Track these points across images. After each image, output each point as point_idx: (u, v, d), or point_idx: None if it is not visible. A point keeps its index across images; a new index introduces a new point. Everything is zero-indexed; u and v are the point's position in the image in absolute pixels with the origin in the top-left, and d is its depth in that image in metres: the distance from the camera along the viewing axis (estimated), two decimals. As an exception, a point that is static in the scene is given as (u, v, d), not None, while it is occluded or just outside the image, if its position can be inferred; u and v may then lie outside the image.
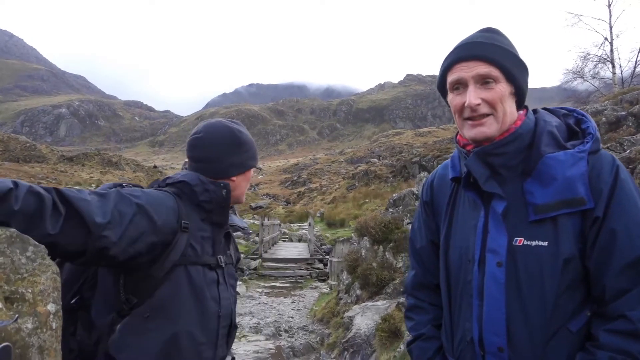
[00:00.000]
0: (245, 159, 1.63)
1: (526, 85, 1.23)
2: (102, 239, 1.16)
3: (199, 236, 1.45)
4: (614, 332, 1.05)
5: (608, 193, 1.10)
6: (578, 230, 1.11)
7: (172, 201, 1.40)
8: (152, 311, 1.33)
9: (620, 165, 1.14)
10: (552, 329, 1.11)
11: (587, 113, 1.26)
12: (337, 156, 74.77)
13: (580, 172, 1.11)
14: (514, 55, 1.20)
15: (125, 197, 1.27)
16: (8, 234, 0.93)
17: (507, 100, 1.18)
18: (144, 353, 1.31)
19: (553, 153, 1.15)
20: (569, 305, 1.12)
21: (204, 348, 1.41)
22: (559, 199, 1.11)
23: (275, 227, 22.97)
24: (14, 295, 0.90)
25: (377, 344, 5.65)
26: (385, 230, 7.75)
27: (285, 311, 10.42)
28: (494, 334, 1.15)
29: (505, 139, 1.18)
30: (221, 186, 1.51)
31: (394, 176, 32.27)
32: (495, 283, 1.16)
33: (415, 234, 1.49)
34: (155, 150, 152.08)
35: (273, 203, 44.12)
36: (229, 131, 1.59)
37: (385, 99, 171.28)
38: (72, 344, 1.38)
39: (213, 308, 1.45)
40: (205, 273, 1.45)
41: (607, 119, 9.48)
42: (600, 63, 23.32)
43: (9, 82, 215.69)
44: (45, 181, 30.74)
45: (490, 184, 1.19)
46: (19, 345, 0.86)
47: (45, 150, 49.24)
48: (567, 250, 1.10)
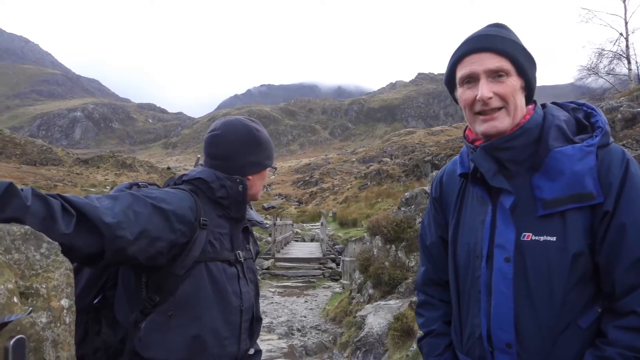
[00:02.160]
0: (262, 159, 1.63)
1: (535, 79, 1.22)
2: (118, 239, 1.16)
3: (217, 232, 1.47)
4: (624, 329, 1.03)
5: (618, 187, 1.08)
6: (587, 225, 1.10)
7: (189, 199, 1.40)
8: (176, 309, 1.35)
9: (630, 159, 1.13)
10: (561, 325, 1.10)
11: (600, 109, 1.23)
12: (349, 156, 74.69)
13: (589, 167, 1.10)
14: (524, 48, 1.19)
15: (140, 197, 1.27)
16: (23, 231, 0.95)
17: (518, 94, 1.18)
18: (171, 350, 1.33)
19: (561, 147, 1.14)
20: (579, 301, 1.10)
21: (228, 342, 1.44)
22: (568, 193, 1.10)
23: (288, 227, 23.04)
24: (28, 291, 0.92)
25: (389, 343, 5.64)
26: (397, 230, 7.72)
27: (298, 310, 10.45)
28: (502, 330, 1.15)
29: (513, 133, 1.17)
30: (237, 182, 1.51)
31: (406, 175, 32.12)
32: (503, 279, 1.15)
33: (425, 230, 1.49)
34: (168, 151, 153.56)
35: (285, 203, 44.25)
36: (246, 130, 1.60)
37: (397, 98, 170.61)
38: (97, 342, 1.40)
39: (235, 302, 1.47)
40: (225, 269, 1.46)
41: (623, 116, 9.32)
42: (616, 59, 22.91)
43: (26, 87, 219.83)
44: (61, 183, 31.25)
45: (497, 179, 1.18)
46: (33, 339, 0.89)
47: (61, 153, 50.07)
48: (576, 245, 1.09)
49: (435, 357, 1.38)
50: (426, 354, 1.42)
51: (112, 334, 1.39)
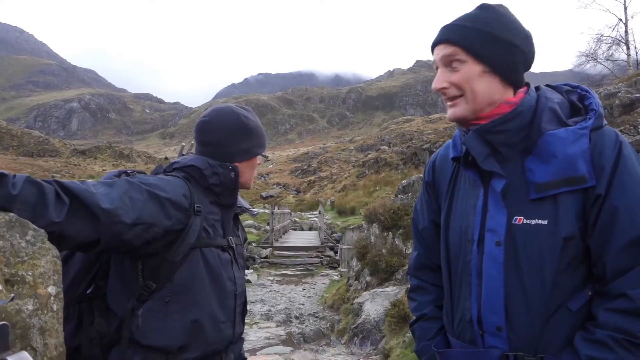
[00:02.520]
0: (252, 146, 1.62)
1: (507, 61, 1.15)
2: (115, 225, 1.17)
3: (211, 219, 1.48)
4: (614, 311, 1.03)
5: (610, 170, 1.07)
6: (579, 208, 1.09)
7: (184, 186, 1.41)
8: (173, 295, 1.35)
9: (623, 142, 1.11)
10: (552, 308, 1.10)
11: (595, 92, 1.21)
12: (347, 144, 74.59)
13: (582, 150, 1.09)
14: (486, 33, 1.14)
15: (135, 184, 1.28)
16: (7, 218, 0.94)
17: (477, 80, 1.15)
18: (169, 336, 1.34)
19: (554, 130, 1.12)
20: (569, 284, 1.10)
21: (224, 326, 1.46)
22: (560, 176, 1.09)
23: (286, 215, 23.08)
24: (14, 278, 0.91)
25: (386, 329, 5.68)
26: (394, 217, 7.75)
27: (296, 298, 10.51)
28: (493, 314, 1.15)
29: (506, 116, 1.16)
30: (230, 169, 1.52)
31: (404, 163, 32.10)
32: (493, 262, 1.15)
33: (418, 215, 1.49)
34: (166, 142, 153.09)
35: (283, 192, 44.29)
36: (235, 117, 1.59)
37: (394, 85, 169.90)
38: (92, 333, 1.40)
39: (230, 287, 1.49)
40: (219, 254, 1.48)
41: (621, 102, 9.30)
42: (615, 45, 22.80)
43: (21, 78, 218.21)
44: (59, 175, 31.18)
45: (489, 162, 1.17)
46: (19, 326, 0.88)
47: (58, 144, 49.88)
48: (567, 228, 1.08)
49: (427, 340, 1.38)
50: (418, 337, 1.42)
51: (105, 323, 1.39)
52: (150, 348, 1.34)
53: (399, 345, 5.04)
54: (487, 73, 1.16)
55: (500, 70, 1.16)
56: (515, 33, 1.17)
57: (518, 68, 1.18)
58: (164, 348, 1.34)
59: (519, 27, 1.18)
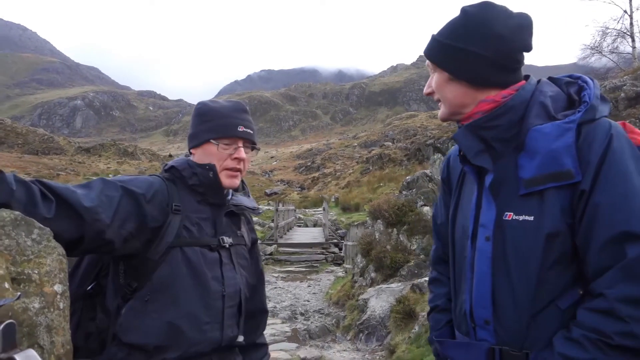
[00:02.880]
0: (199, 131, 1.53)
1: (466, 67, 1.19)
2: (96, 222, 1.19)
3: (195, 218, 1.46)
4: (591, 310, 1.01)
5: (596, 165, 1.04)
6: (566, 204, 1.07)
7: (159, 184, 1.42)
8: (152, 294, 1.36)
9: (615, 134, 1.07)
10: (539, 304, 1.10)
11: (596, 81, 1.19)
12: (350, 140, 74.53)
13: (566, 144, 1.06)
14: (444, 44, 1.21)
15: (110, 182, 1.31)
16: (13, 216, 0.94)
17: (445, 87, 1.24)
18: (148, 335, 1.34)
19: (540, 125, 1.11)
20: (558, 282, 1.09)
21: (208, 327, 1.41)
22: (546, 172, 1.08)
23: (290, 212, 23.12)
24: (20, 277, 0.91)
25: (392, 325, 5.69)
26: (399, 213, 7.74)
27: (301, 295, 10.54)
28: (481, 307, 1.17)
29: (495, 111, 1.17)
30: (207, 168, 1.48)
31: (408, 159, 32.02)
32: (483, 257, 1.17)
33: (437, 210, 1.54)
34: (170, 139, 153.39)
35: (287, 189, 44.33)
36: (199, 104, 1.60)
37: (398, 81, 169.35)
38: (90, 327, 1.43)
39: (215, 287, 1.44)
40: (205, 254, 1.44)
41: (627, 95, 9.23)
42: (620, 37, 22.60)
43: (25, 76, 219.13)
44: (64, 172, 31.33)
45: (480, 158, 1.19)
46: (26, 324, 0.88)
47: (62, 142, 50.13)
48: (550, 225, 1.07)
49: (436, 331, 1.44)
50: (431, 328, 1.48)
51: (106, 319, 1.41)
52: (132, 346, 1.35)
53: (405, 341, 5.04)
54: (452, 80, 1.22)
55: (463, 76, 1.20)
56: (473, 39, 1.17)
57: (480, 72, 1.18)
58: (142, 346, 1.34)
59: (485, 30, 1.17)
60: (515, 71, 1.20)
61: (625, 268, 0.96)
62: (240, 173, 1.55)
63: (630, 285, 0.95)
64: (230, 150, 1.51)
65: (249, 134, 1.54)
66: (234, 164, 1.51)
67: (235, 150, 1.51)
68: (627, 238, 0.97)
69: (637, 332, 0.93)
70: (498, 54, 1.16)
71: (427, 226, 7.35)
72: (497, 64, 1.17)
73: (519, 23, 1.18)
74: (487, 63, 1.17)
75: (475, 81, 1.20)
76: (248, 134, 1.54)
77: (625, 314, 0.94)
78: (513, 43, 1.17)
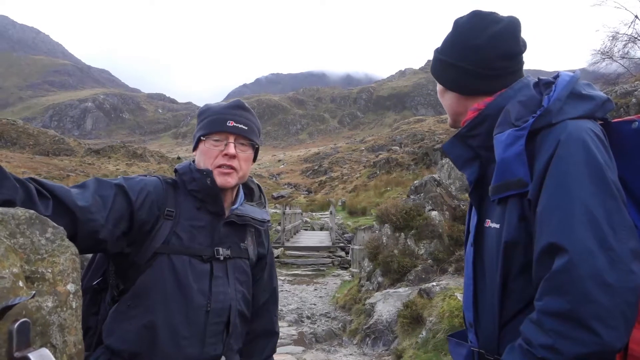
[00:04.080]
0: (196, 131, 1.51)
1: (448, 78, 1.29)
2: (90, 222, 1.18)
3: (189, 225, 1.40)
4: (528, 320, 0.99)
5: (541, 173, 1.01)
6: (528, 213, 1.05)
7: (154, 186, 1.39)
8: (134, 299, 1.33)
9: (564, 140, 1.01)
10: (508, 312, 1.09)
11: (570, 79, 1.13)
12: (358, 144, 74.44)
13: (516, 152, 1.04)
14: (435, 57, 1.33)
15: (104, 181, 1.30)
16: (27, 215, 0.95)
17: (442, 97, 1.34)
18: (124, 340, 1.31)
19: (499, 133, 1.11)
20: (526, 292, 1.06)
21: (186, 343, 1.33)
22: (501, 180, 1.09)
23: (297, 215, 23.12)
24: (34, 275, 0.92)
25: (398, 330, 5.66)
26: (406, 217, 7.70)
27: (308, 298, 10.51)
28: (467, 310, 1.23)
29: (474, 120, 1.21)
30: (204, 174, 1.42)
31: (416, 164, 31.92)
32: (468, 262, 1.23)
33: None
34: (178, 141, 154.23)
35: (295, 192, 44.34)
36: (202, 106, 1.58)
37: (406, 85, 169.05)
38: (90, 322, 1.41)
39: (200, 301, 1.35)
40: (194, 264, 1.37)
41: (638, 100, 9.13)
42: (631, 42, 22.35)
43: (38, 78, 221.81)
44: (74, 174, 31.59)
45: (467, 166, 1.24)
46: (39, 323, 0.88)
47: (73, 143, 50.58)
48: (508, 233, 1.07)
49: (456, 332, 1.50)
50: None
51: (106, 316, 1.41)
52: (112, 351, 1.32)
53: (412, 346, 5.01)
54: (446, 90, 1.31)
55: (449, 87, 1.30)
56: (453, 52, 1.25)
57: (462, 82, 1.25)
58: (119, 352, 1.31)
59: (463, 43, 1.23)
60: (500, 77, 1.19)
61: (549, 281, 0.93)
62: (235, 171, 1.45)
63: (553, 298, 0.92)
64: (221, 147, 1.44)
65: (240, 129, 1.45)
66: (224, 161, 1.43)
67: (225, 147, 1.44)
68: (553, 250, 0.94)
69: (558, 347, 0.90)
70: (475, 64, 1.21)
71: (434, 231, 7.32)
72: (476, 73, 1.21)
73: (498, 31, 1.18)
74: (466, 73, 1.23)
75: (461, 90, 1.27)
76: (239, 129, 1.45)
77: (549, 327, 0.92)
78: (491, 52, 1.19)
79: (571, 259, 0.91)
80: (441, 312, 5.06)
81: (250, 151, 1.52)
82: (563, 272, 0.91)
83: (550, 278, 0.93)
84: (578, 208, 0.94)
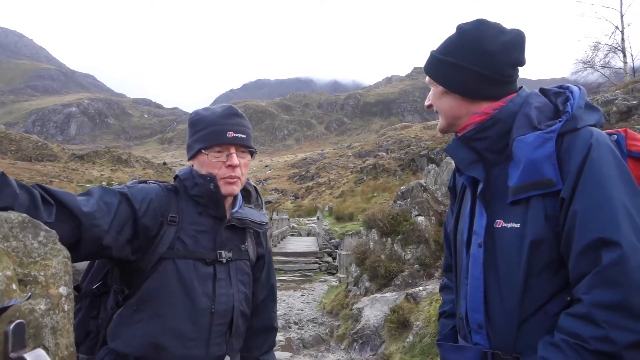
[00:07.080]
0: (192, 142, 1.50)
1: (456, 81, 1.26)
2: (94, 228, 1.20)
3: (192, 230, 1.43)
4: (571, 315, 1.03)
5: (575, 173, 1.07)
6: (551, 212, 1.10)
7: (156, 193, 1.41)
8: (140, 303, 1.35)
9: (595, 144, 1.09)
10: (528, 310, 1.12)
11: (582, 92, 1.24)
12: (345, 150, 74.65)
13: (547, 153, 1.10)
14: (437, 59, 1.30)
15: (109, 189, 1.32)
16: (20, 218, 0.96)
17: (440, 99, 1.32)
18: (130, 344, 1.33)
19: (523, 135, 1.15)
20: (547, 288, 1.11)
21: (193, 344, 1.37)
22: (527, 180, 1.12)
23: (284, 221, 23.04)
24: (27, 278, 0.93)
25: (386, 334, 5.68)
26: (393, 223, 7.75)
27: (295, 304, 10.48)
28: (475, 312, 1.21)
29: (484, 123, 1.22)
30: (208, 179, 1.44)
31: (402, 169, 32.16)
32: (476, 263, 1.21)
33: (448, 219, 1.58)
34: (164, 147, 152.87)
35: (282, 198, 44.24)
36: (192, 113, 1.57)
37: (392, 92, 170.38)
38: (91, 326, 1.43)
39: (204, 304, 1.39)
40: (198, 267, 1.40)
41: (618, 109, 9.37)
42: (611, 52, 22.90)
43: (20, 82, 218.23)
44: (57, 179, 31.09)
45: (472, 168, 1.24)
46: (32, 325, 0.89)
47: (56, 149, 49.82)
48: (534, 232, 1.10)
49: (442, 335, 1.49)
50: (438, 332, 1.53)
51: (106, 320, 1.42)
52: (117, 354, 1.34)
53: (399, 351, 5.04)
54: (446, 93, 1.30)
55: (454, 89, 1.28)
56: (464, 55, 1.24)
57: (471, 85, 1.25)
58: (124, 355, 1.33)
59: (476, 47, 1.23)
60: (506, 84, 1.25)
61: (601, 274, 0.99)
62: (239, 179, 1.49)
63: (605, 290, 0.97)
64: (223, 158, 1.46)
65: (240, 138, 1.48)
66: (228, 172, 1.46)
67: (227, 158, 1.46)
68: (602, 245, 1.00)
69: (612, 337, 0.95)
70: (488, 69, 1.23)
71: (421, 236, 7.38)
72: (488, 78, 1.23)
73: (509, 40, 1.23)
74: (478, 77, 1.23)
75: (466, 93, 1.27)
76: (239, 139, 1.48)
77: (601, 319, 0.96)
78: (503, 59, 1.23)
79: (624, 252, 0.96)
80: (428, 316, 5.10)
81: (249, 157, 1.56)
82: (616, 265, 0.97)
83: (601, 271, 0.98)
84: (619, 206, 1.01)
